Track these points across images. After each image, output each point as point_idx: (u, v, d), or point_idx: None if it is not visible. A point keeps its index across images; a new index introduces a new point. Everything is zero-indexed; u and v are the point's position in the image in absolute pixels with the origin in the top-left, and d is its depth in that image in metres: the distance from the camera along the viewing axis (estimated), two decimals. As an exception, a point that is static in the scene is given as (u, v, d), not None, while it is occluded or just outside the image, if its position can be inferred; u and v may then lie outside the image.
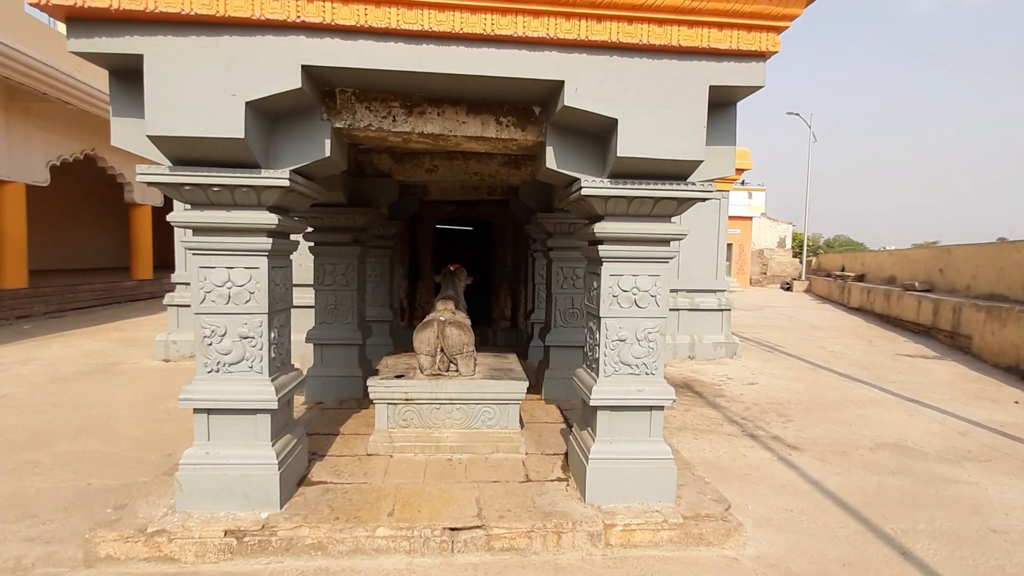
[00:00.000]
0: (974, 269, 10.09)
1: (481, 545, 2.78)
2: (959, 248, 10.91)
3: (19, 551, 2.75)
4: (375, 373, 3.85)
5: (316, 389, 4.82)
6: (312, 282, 4.88)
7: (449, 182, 5.73)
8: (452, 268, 4.38)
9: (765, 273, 30.14)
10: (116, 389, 5.78)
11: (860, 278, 17.62)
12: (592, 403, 2.98)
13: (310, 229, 4.73)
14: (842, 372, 7.58)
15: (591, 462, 3.00)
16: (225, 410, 2.80)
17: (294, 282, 7.32)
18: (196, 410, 2.80)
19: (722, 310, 8.26)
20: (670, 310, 8.16)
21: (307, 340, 4.80)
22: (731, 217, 25.67)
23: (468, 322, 3.99)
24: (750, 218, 26.51)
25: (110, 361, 7.12)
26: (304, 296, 6.66)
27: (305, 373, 5.00)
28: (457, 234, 9.44)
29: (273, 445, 2.85)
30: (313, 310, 4.94)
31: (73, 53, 2.39)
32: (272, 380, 2.84)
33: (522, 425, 4.26)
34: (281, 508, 2.83)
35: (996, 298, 9.09)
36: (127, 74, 2.55)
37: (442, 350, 3.69)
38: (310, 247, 4.75)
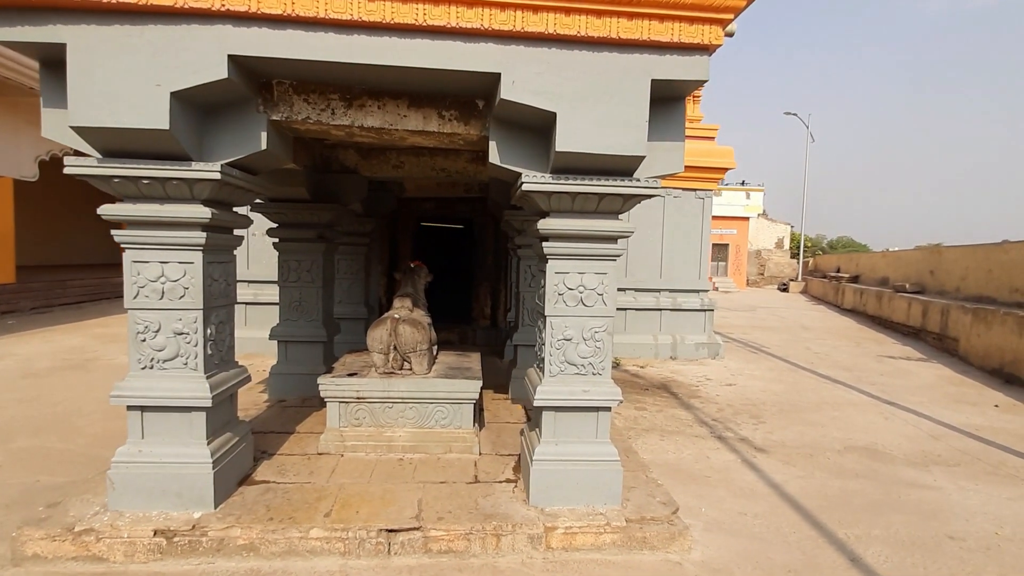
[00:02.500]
0: (963, 271, 10.00)
1: (418, 547, 2.73)
2: (949, 249, 10.81)
3: (-51, 549, 2.70)
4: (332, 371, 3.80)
5: (280, 387, 4.77)
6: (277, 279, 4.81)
7: (416, 178, 5.70)
8: (412, 265, 4.32)
9: (762, 274, 30.01)
10: (86, 385, 5.74)
11: (854, 279, 17.51)
12: (536, 403, 2.93)
13: (274, 225, 4.68)
14: (824, 374, 7.50)
15: (535, 463, 2.95)
16: (159, 407, 2.75)
17: (265, 278, 7.31)
18: (129, 407, 2.76)
19: (705, 310, 8.18)
20: (652, 310, 8.10)
21: (271, 337, 4.75)
22: (727, 217, 25.61)
23: (426, 320, 3.94)
24: (747, 218, 26.39)
25: (86, 357, 7.08)
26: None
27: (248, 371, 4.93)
28: (441, 231, 9.39)
29: (209, 444, 2.80)
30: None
31: (-3, 42, 2.34)
32: (208, 377, 2.79)
33: (482, 425, 4.21)
34: (216, 508, 2.78)
35: (984, 300, 8.99)
36: (57, 64, 2.49)
37: (395, 348, 3.64)
38: (274, 243, 4.69)
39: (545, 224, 2.85)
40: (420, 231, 8.39)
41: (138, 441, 2.78)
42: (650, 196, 2.83)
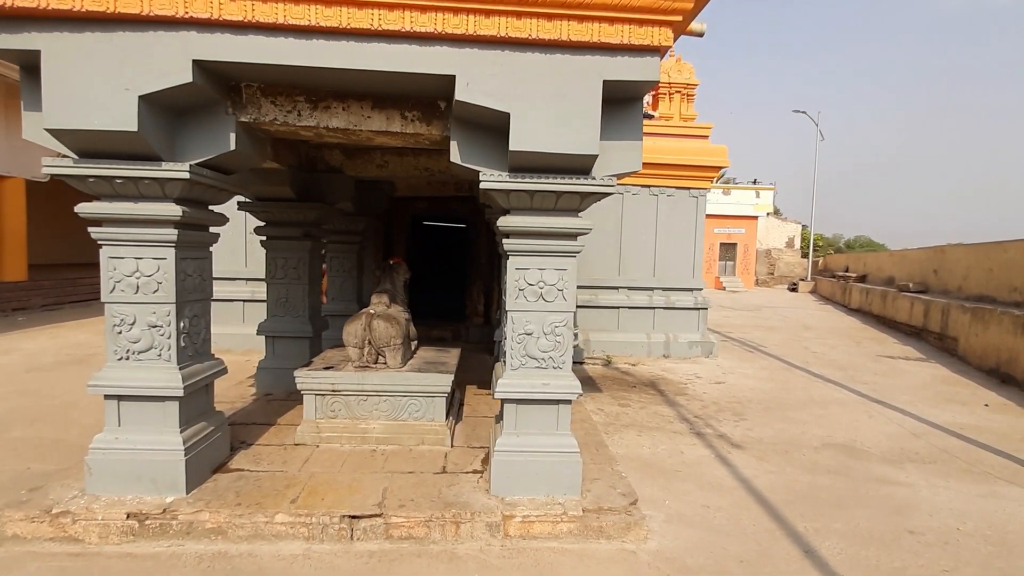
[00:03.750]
0: (965, 270, 9.89)
1: (380, 533, 2.82)
2: (952, 248, 10.69)
3: (-62, 530, 2.85)
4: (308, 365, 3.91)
5: (267, 381, 4.90)
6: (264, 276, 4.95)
7: (407, 177, 5.80)
8: (391, 262, 4.42)
9: (772, 273, 29.77)
10: (85, 379, 5.89)
11: (862, 279, 17.34)
12: (497, 395, 3.01)
13: (262, 223, 4.81)
14: (817, 373, 7.49)
15: (496, 454, 3.03)
16: (134, 397, 2.88)
17: (263, 276, 7.44)
18: (106, 396, 2.89)
19: (698, 309, 8.19)
20: (646, 309, 8.13)
21: (258, 332, 4.89)
22: (736, 216, 25.44)
23: (403, 316, 4.04)
24: (755, 217, 26.17)
25: (90, 352, 7.30)
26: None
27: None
28: (439, 230, 9.50)
29: (182, 432, 2.92)
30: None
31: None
32: (181, 369, 2.91)
33: (460, 419, 4.30)
34: (187, 493, 2.90)
35: (985, 300, 8.89)
36: (35, 69, 2.61)
37: (369, 342, 3.74)
38: (262, 241, 4.83)
39: (505, 221, 2.93)
40: (421, 229, 8.50)
41: (115, 429, 2.91)
42: (607, 194, 2.90)
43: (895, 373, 7.64)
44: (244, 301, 7.56)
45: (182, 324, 2.94)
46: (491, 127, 2.85)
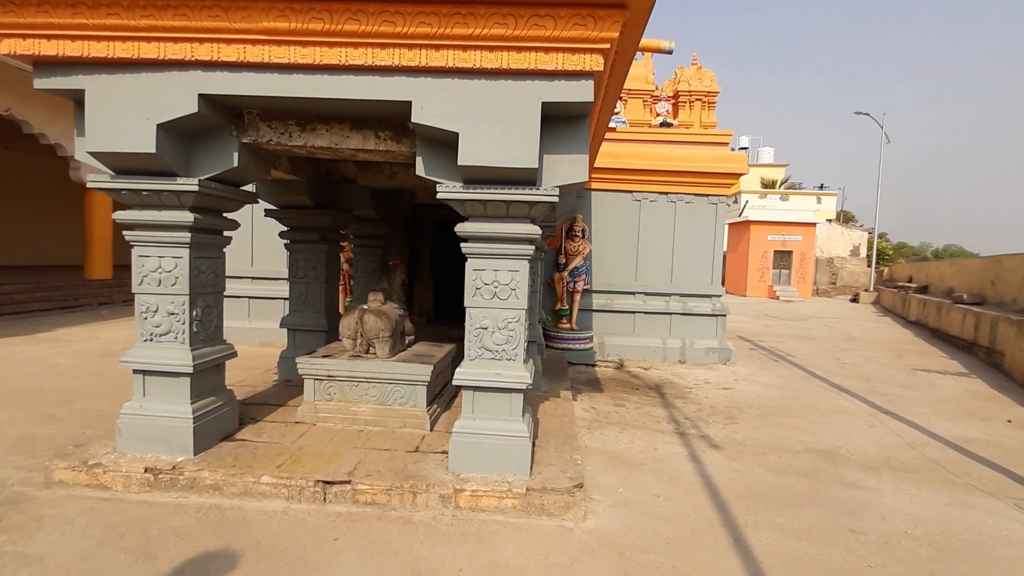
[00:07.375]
0: (1021, 281, 9.29)
1: (348, 498, 3.25)
2: (1009, 258, 10.04)
3: (7, 475, 3.53)
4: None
5: (288, 369, 5.47)
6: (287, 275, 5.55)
7: (418, 186, 6.28)
8: (391, 264, 4.89)
9: (835, 283, 28.35)
10: (145, 363, 6.77)
11: (923, 289, 16.39)
12: (454, 382, 3.38)
13: (285, 228, 5.41)
14: (836, 383, 7.34)
15: (454, 435, 3.39)
16: (155, 372, 3.46)
17: (268, 275, 8.14)
18: (134, 371, 3.49)
19: (716, 315, 8.21)
20: (662, 314, 8.24)
21: (280, 326, 5.48)
22: (791, 223, 24.50)
23: (396, 312, 4.48)
24: (813, 224, 25.09)
25: (154, 341, 8.24)
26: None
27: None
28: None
29: (192, 404, 3.47)
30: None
31: (41, 90, 3.13)
32: (193, 350, 3.47)
33: (449, 407, 4.69)
34: (195, 455, 3.44)
35: (1037, 313, 8.36)
36: (82, 104, 3.25)
37: (361, 334, 4.20)
38: (285, 244, 5.43)
39: (462, 227, 3.30)
40: (446, 234, 8.97)
41: (140, 398, 3.50)
42: (552, 203, 3.20)
43: (924, 386, 7.36)
44: (284, 299, 8.30)
45: (195, 313, 3.50)
46: (448, 144, 3.23)
